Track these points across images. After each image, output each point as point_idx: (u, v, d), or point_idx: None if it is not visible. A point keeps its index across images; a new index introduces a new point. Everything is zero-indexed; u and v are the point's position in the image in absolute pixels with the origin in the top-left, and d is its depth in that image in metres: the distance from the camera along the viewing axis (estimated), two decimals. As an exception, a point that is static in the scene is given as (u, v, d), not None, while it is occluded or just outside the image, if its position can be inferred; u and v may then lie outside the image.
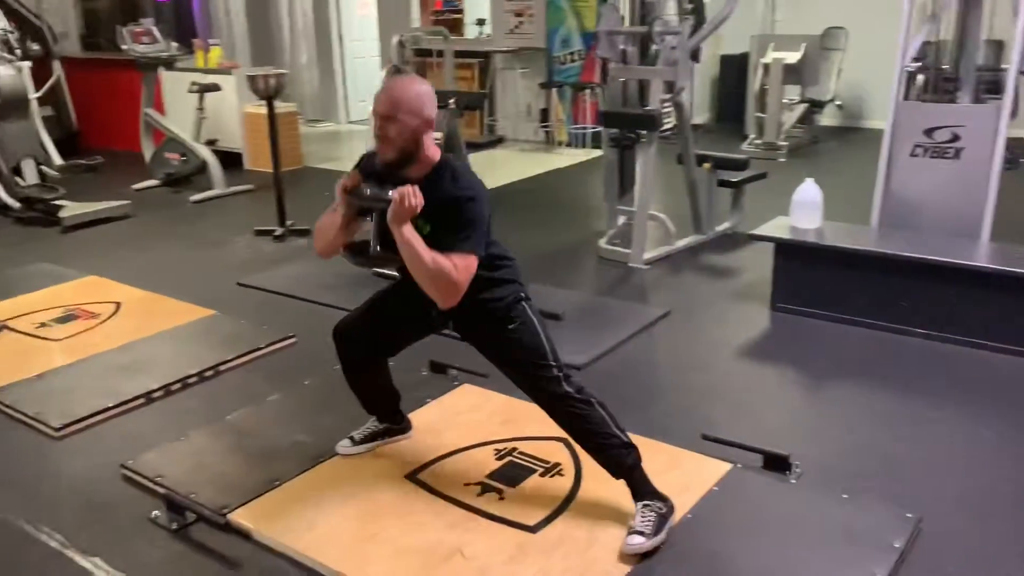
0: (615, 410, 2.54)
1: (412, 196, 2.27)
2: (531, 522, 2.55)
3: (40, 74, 8.03)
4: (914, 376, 3.55)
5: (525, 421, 3.07)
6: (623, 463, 2.52)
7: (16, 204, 6.25)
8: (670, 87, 4.75)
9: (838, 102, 8.69)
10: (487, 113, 8.96)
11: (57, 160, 6.55)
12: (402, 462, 2.90)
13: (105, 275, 4.91)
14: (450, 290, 2.32)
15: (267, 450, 3.00)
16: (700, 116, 9.56)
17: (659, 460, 2.85)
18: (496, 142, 6.75)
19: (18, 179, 6.36)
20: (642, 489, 2.51)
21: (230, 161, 7.82)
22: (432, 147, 2.41)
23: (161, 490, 2.71)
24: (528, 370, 2.52)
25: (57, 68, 8.04)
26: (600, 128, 6.91)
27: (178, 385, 3.55)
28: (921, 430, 3.11)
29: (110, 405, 3.35)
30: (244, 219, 6.05)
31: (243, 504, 2.67)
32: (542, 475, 2.80)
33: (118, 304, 4.46)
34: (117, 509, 2.71)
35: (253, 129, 7.73)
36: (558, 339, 3.70)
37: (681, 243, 5.20)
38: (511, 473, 2.81)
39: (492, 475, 2.80)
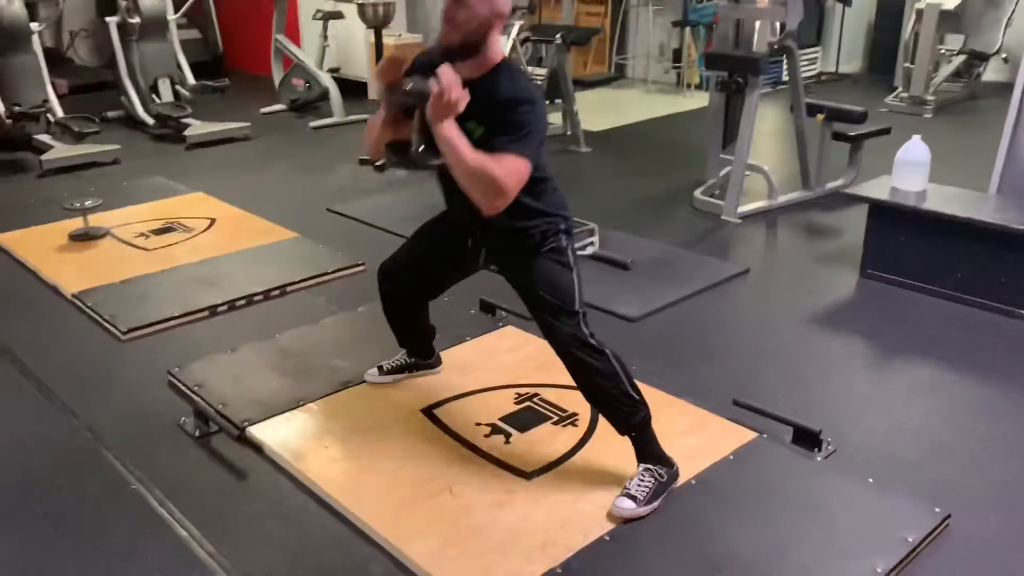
0: (660, 367, 2.47)
1: (453, 90, 2.07)
2: (528, 468, 2.51)
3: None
4: (1001, 362, 3.21)
5: (558, 369, 2.98)
6: (629, 420, 2.41)
7: (150, 120, 6.66)
8: (782, 28, 4.42)
9: (1004, 55, 7.83)
10: (615, 51, 8.69)
11: (191, 80, 6.90)
12: (422, 396, 2.92)
13: (212, 192, 5.17)
14: (494, 191, 2.13)
15: (303, 370, 3.09)
16: (850, 65, 8.89)
17: (683, 422, 2.75)
18: (610, 80, 6.52)
19: (154, 97, 6.76)
20: (646, 450, 2.41)
21: (356, 90, 8.01)
22: (497, 47, 2.26)
23: (194, 398, 2.85)
24: (547, 307, 2.38)
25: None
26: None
27: (243, 302, 3.71)
28: (984, 422, 2.82)
29: (176, 314, 3.54)
30: (355, 147, 6.17)
31: (264, 420, 2.77)
32: (555, 423, 2.74)
33: (212, 220, 4.69)
34: (154, 412, 2.88)
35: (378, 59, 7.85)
36: (622, 289, 3.60)
37: (783, 198, 4.89)
38: (524, 418, 2.78)
39: (505, 418, 2.77)
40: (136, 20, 6.61)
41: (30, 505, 2.43)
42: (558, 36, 5.58)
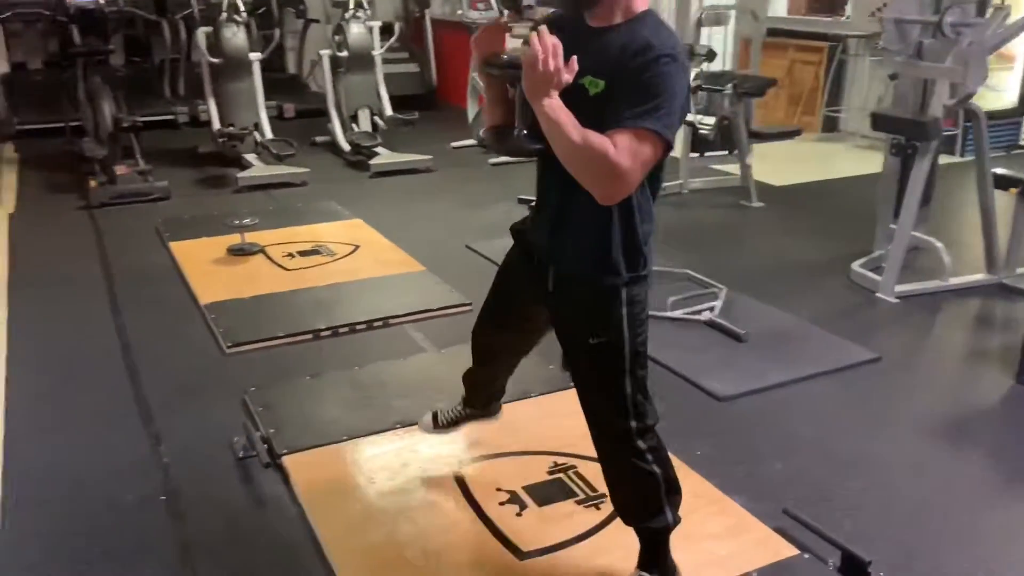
0: (725, 456, 2.28)
1: (549, 59, 1.68)
2: (525, 548, 2.36)
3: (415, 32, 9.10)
4: None
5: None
6: (650, 531, 2.15)
7: (347, 147, 7.13)
8: (959, 90, 3.90)
9: None
10: (824, 102, 8.12)
11: (388, 112, 7.31)
12: (462, 448, 2.86)
13: (370, 220, 5.42)
14: (606, 176, 1.71)
15: (365, 405, 3.14)
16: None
17: (720, 523, 2.49)
18: (791, 133, 6.08)
19: (353, 125, 7.24)
20: (651, 560, 2.16)
21: (549, 128, 8.10)
22: None
23: (247, 421, 2.98)
24: (595, 424, 2.08)
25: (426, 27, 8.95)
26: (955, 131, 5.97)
27: (346, 329, 3.83)
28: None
29: (279, 335, 3.73)
30: (520, 186, 6.22)
31: (304, 450, 2.83)
32: (578, 502, 2.57)
33: (356, 247, 4.91)
34: (218, 427, 3.03)
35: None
36: (724, 362, 3.35)
37: (955, 280, 4.30)
38: (549, 491, 2.62)
39: (530, 487, 2.64)
40: (344, 54, 7.13)
41: (66, 488, 2.65)
42: (729, 85, 5.31)
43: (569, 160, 1.76)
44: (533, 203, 2.16)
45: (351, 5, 7.04)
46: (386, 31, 7.76)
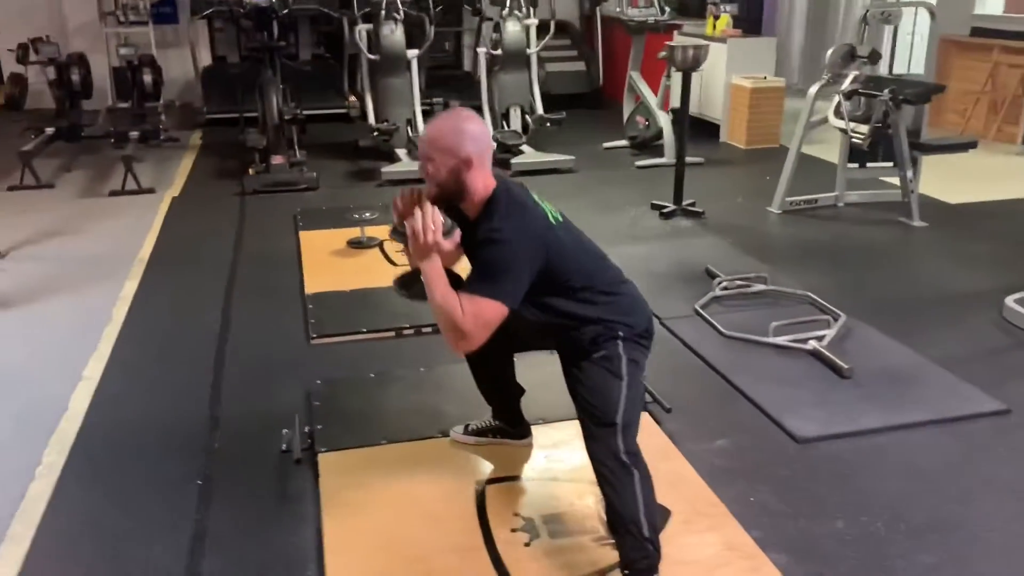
0: (784, 509, 2.34)
1: (426, 233, 2.08)
2: (521, 581, 2.22)
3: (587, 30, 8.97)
4: None
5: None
6: (629, 555, 2.10)
7: (492, 145, 7.14)
8: None
9: None
10: (1027, 112, 7.19)
11: (539, 111, 7.26)
12: (491, 466, 2.74)
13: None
14: (454, 333, 2.09)
15: (414, 409, 3.09)
16: None
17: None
18: (964, 146, 5.39)
19: (504, 123, 7.24)
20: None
21: (711, 131, 7.74)
22: (478, 184, 2.19)
23: (298, 415, 3.01)
24: (586, 412, 2.23)
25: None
26: None
27: (428, 329, 3.80)
28: None
29: (363, 330, 3.77)
30: (657, 191, 5.97)
31: (341, 449, 2.83)
32: (595, 539, 2.38)
33: (470, 246, 4.88)
34: (277, 417, 3.07)
35: (736, 102, 7.47)
36: (817, 399, 3.19)
37: None
38: (569, 521, 2.46)
39: (549, 516, 2.48)
40: (499, 52, 7.15)
41: (119, 459, 2.80)
42: (887, 91, 4.79)
43: (434, 313, 2.12)
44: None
45: (508, 3, 7.02)
46: (544, 29, 7.69)
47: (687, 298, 4.10)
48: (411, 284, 2.38)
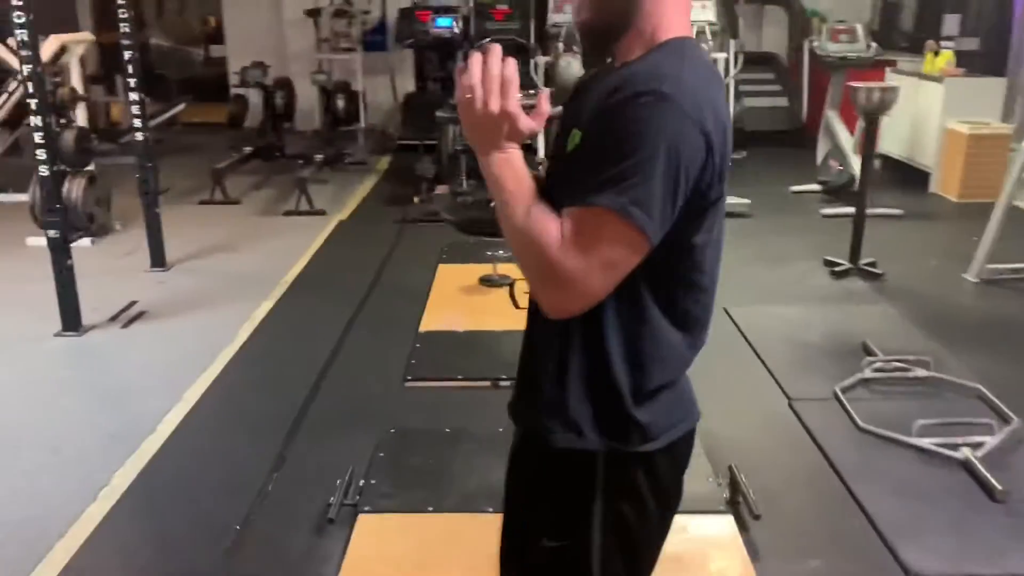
0: None
1: (488, 93, 1.15)
2: None
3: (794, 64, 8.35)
4: None
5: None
6: None
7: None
8: None
9: None
10: None
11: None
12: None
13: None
14: (549, 277, 1.15)
15: (476, 476, 2.86)
16: None
17: None
18: None
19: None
20: None
21: (918, 180, 6.89)
22: (668, 16, 1.22)
23: (353, 466, 2.88)
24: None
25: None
26: None
27: (528, 383, 3.56)
28: None
29: (458, 377, 3.60)
30: (839, 245, 5.35)
31: (383, 512, 2.66)
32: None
33: (604, 293, 4.59)
34: (337, 465, 2.96)
35: (951, 148, 6.60)
36: (964, 526, 2.68)
37: None
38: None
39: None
40: (681, 86, 6.77)
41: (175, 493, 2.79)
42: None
43: (512, 246, 1.20)
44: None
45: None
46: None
47: (831, 377, 3.56)
48: (459, 207, 1.35)
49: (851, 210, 6.02)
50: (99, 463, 3.00)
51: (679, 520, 2.49)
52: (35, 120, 3.88)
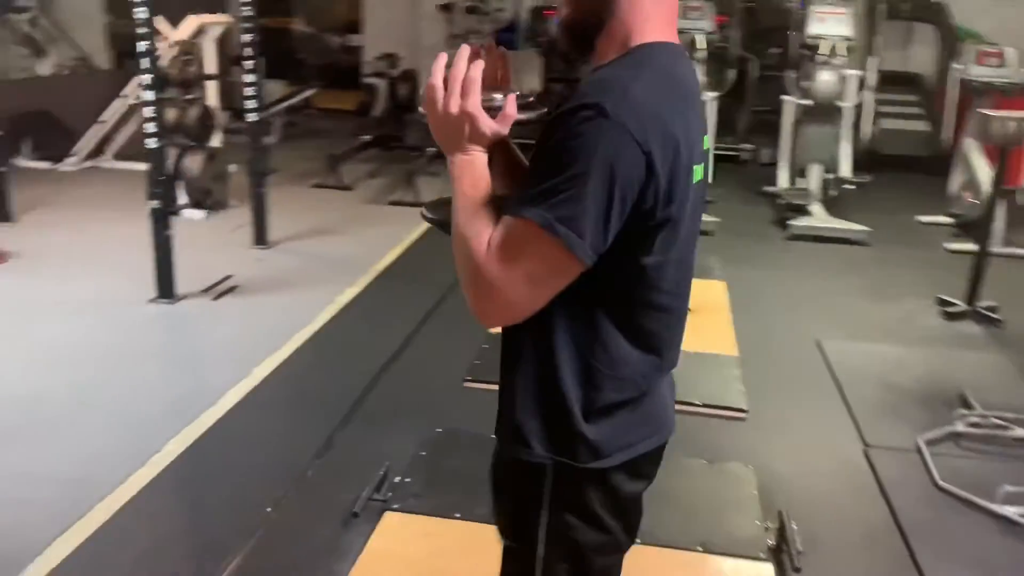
0: None
1: (449, 94, 1.14)
2: None
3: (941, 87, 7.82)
4: None
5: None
6: None
7: (782, 202, 6.45)
8: None
9: None
10: None
11: (843, 172, 6.42)
12: None
13: (736, 284, 4.82)
14: (474, 284, 1.15)
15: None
16: None
17: None
18: None
19: (798, 179, 6.53)
20: None
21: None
22: (636, 21, 1.17)
23: (388, 463, 2.85)
24: None
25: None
26: None
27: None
28: None
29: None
30: (959, 283, 4.94)
31: (410, 512, 2.63)
32: None
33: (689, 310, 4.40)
34: (381, 458, 2.94)
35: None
36: None
37: None
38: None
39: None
40: (808, 102, 6.44)
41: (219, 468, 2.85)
42: None
43: (454, 249, 1.18)
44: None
45: (823, 49, 6.27)
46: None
47: (918, 426, 3.27)
48: (440, 205, 1.39)
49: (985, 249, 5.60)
50: (156, 429, 3.09)
51: (714, 561, 2.34)
52: (145, 95, 4.07)
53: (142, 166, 6.38)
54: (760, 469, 2.94)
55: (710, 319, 4.31)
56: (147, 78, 4.05)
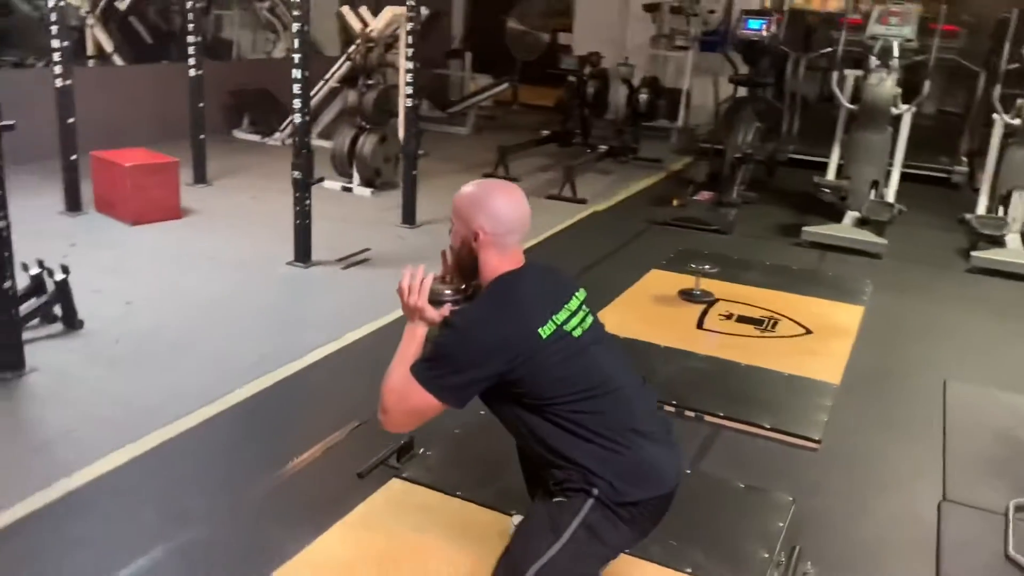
0: None
1: (409, 292, 1.91)
2: None
3: None
4: None
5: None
6: None
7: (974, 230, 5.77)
8: None
9: None
10: None
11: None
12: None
13: (876, 312, 4.42)
14: (381, 406, 1.88)
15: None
16: None
17: None
18: None
19: (1001, 208, 5.81)
20: None
21: None
22: (493, 265, 1.93)
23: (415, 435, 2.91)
24: (507, 550, 1.91)
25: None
26: None
27: (691, 414, 3.28)
28: None
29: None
30: None
31: (415, 483, 2.68)
32: None
33: (808, 332, 4.08)
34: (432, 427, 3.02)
35: None
36: None
37: None
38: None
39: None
40: (1016, 121, 5.71)
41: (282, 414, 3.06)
42: None
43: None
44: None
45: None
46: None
47: (1014, 488, 2.84)
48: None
49: None
50: (238, 375, 3.36)
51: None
52: (295, 72, 4.41)
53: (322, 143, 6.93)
54: (804, 503, 2.69)
55: (825, 344, 3.98)
56: (297, 57, 4.39)
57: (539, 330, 1.82)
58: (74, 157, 5.18)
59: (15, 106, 3.20)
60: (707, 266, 4.43)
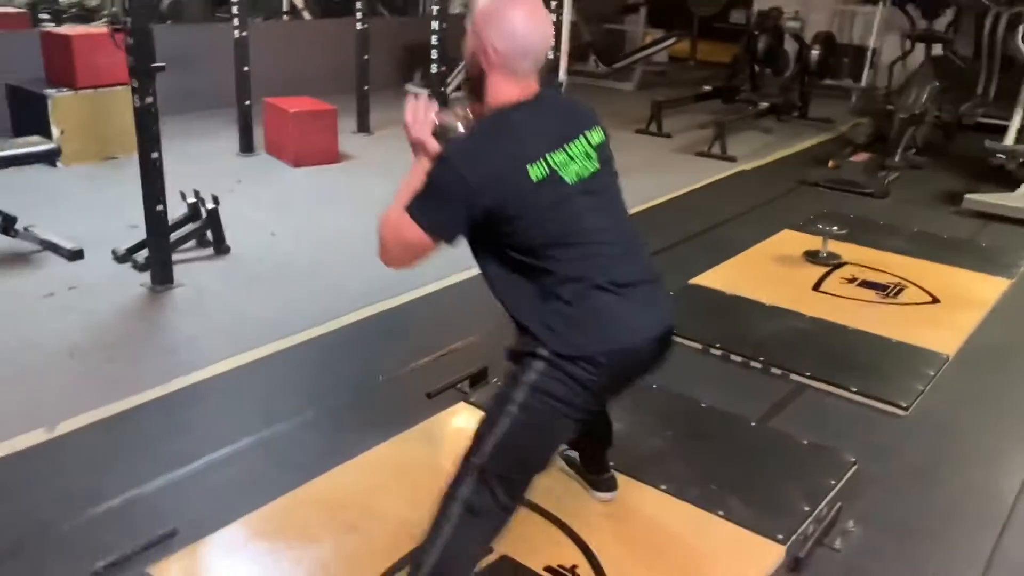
0: None
1: (414, 123, 1.84)
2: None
3: None
4: None
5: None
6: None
7: None
8: None
9: None
10: None
11: None
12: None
13: (991, 274, 4.15)
14: (379, 241, 1.81)
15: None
16: None
17: None
18: None
19: None
20: None
21: None
22: (498, 90, 1.80)
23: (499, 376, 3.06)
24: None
25: None
26: None
27: (777, 371, 3.23)
28: None
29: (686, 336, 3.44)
30: None
31: (476, 406, 2.81)
32: None
33: (935, 301, 3.85)
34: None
35: None
36: None
37: None
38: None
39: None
40: None
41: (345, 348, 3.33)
42: None
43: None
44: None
45: None
46: None
47: None
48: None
49: None
50: (350, 301, 3.66)
51: (722, 527, 2.20)
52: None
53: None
54: (873, 467, 2.60)
55: (950, 314, 3.75)
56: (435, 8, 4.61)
57: (528, 166, 1.71)
58: (248, 103, 5.71)
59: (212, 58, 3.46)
60: (835, 227, 4.25)
